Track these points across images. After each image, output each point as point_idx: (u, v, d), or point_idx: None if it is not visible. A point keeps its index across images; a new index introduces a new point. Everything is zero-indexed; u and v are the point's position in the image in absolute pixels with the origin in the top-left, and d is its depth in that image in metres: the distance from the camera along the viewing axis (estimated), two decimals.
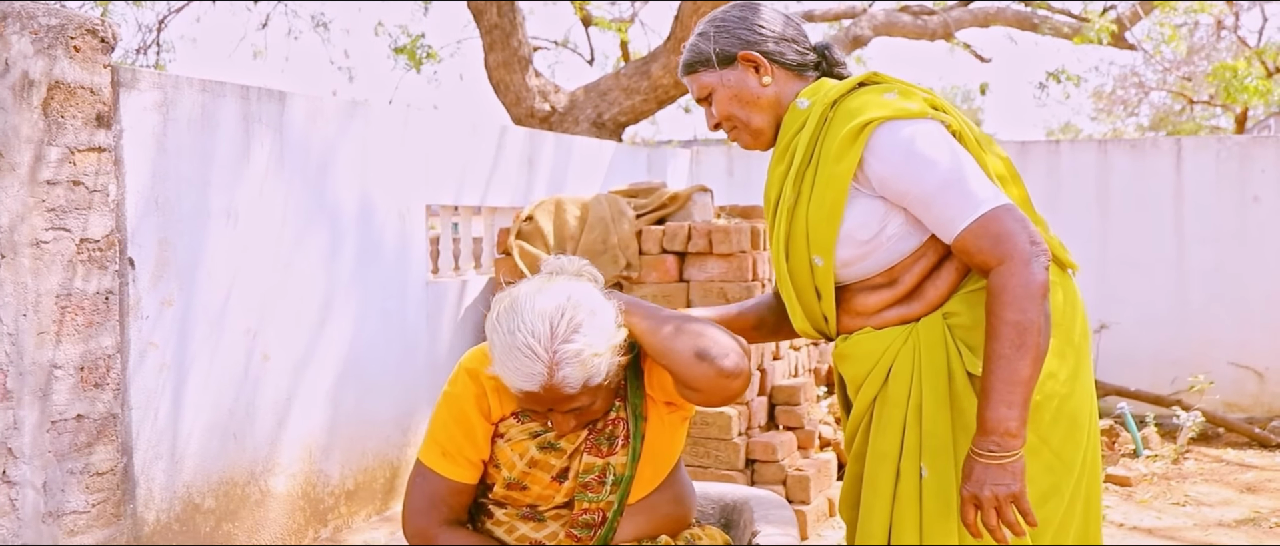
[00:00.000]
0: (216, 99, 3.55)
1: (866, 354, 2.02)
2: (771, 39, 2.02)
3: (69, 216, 2.94)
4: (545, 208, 5.02)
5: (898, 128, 1.88)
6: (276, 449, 3.85)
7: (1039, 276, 1.78)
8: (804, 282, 2.03)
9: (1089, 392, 2.01)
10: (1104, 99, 15.22)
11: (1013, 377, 1.77)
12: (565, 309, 1.87)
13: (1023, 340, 1.77)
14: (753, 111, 2.04)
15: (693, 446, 4.46)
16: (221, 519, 3.62)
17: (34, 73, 2.83)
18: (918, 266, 1.98)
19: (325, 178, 4.06)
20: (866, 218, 1.93)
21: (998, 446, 1.77)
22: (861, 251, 1.96)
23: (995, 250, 1.82)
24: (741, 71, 2.02)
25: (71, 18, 2.92)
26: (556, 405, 1.89)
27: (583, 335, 1.85)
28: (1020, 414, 1.77)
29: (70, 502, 2.97)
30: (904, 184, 1.88)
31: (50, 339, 2.89)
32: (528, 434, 2.04)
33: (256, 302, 3.74)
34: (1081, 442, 1.95)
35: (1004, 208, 1.83)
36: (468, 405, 2.04)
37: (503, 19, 7.33)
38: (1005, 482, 1.77)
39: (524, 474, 2.04)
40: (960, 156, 1.89)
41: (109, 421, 3.08)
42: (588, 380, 1.87)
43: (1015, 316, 1.77)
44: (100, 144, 3.03)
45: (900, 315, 2.00)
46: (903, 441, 1.94)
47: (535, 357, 1.82)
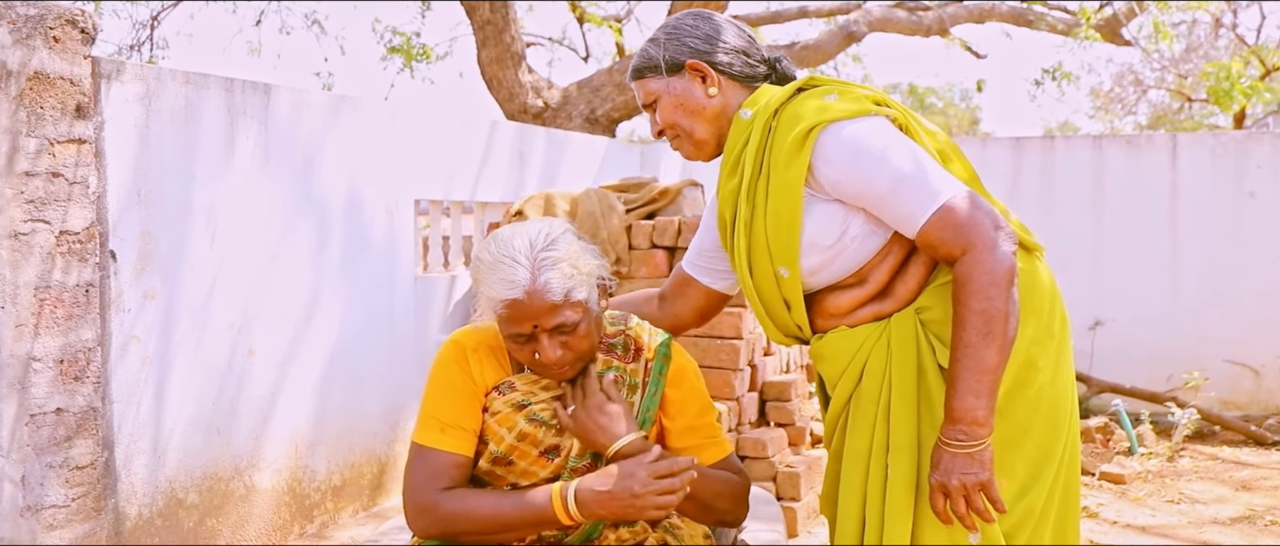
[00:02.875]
0: (200, 91, 3.52)
1: (840, 352, 2.01)
2: (722, 50, 2.01)
3: (48, 208, 2.91)
4: (535, 202, 5.00)
5: (840, 129, 1.87)
6: (262, 444, 3.82)
7: (1005, 262, 1.76)
8: (771, 295, 2.01)
9: (1069, 382, 1.99)
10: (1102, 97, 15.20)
11: (979, 366, 1.75)
12: (543, 229, 1.96)
13: (989, 328, 1.75)
14: (696, 121, 2.02)
15: None
16: (205, 514, 3.59)
17: (11, 63, 2.80)
18: (885, 264, 1.96)
19: (312, 171, 4.03)
20: (826, 223, 1.92)
21: (965, 435, 1.76)
22: (826, 257, 1.95)
23: (958, 240, 1.80)
24: (688, 80, 2.01)
25: (51, 8, 2.90)
26: (541, 319, 1.89)
27: (561, 247, 1.92)
28: (988, 402, 1.75)
29: (49, 496, 2.95)
30: (856, 184, 1.87)
31: (28, 331, 2.87)
32: (512, 405, 2.04)
33: (241, 297, 3.72)
34: (1062, 432, 1.93)
35: (961, 195, 1.82)
36: (454, 371, 2.06)
37: (495, 15, 7.30)
38: (973, 471, 1.76)
39: (511, 448, 2.03)
40: (909, 150, 1.88)
41: (89, 415, 3.05)
42: (569, 291, 1.90)
43: (980, 305, 1.75)
44: (80, 135, 3.00)
45: (874, 312, 1.98)
46: (873, 439, 1.93)
47: (517, 265, 1.89)
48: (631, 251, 4.75)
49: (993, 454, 1.78)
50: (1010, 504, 1.86)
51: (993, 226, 1.78)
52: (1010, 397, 1.88)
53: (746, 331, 4.31)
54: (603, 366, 2.09)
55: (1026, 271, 1.94)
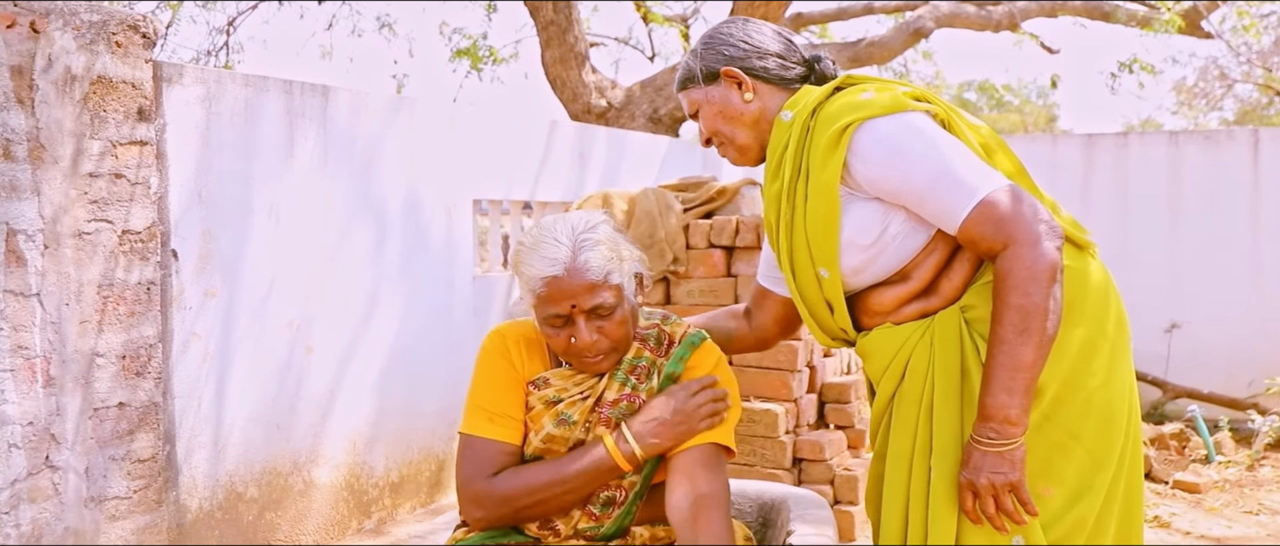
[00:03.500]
0: (260, 94, 3.59)
1: (883, 350, 1.97)
2: (755, 54, 2.02)
3: (111, 208, 2.99)
4: (593, 201, 5.00)
5: (876, 126, 1.84)
6: (320, 440, 3.88)
7: (1047, 257, 1.71)
8: (814, 297, 2.01)
9: (1127, 385, 1.92)
10: (1185, 92, 14.70)
11: (1014, 363, 1.70)
12: (584, 217, 2.00)
13: (1026, 324, 1.70)
14: (736, 127, 2.04)
15: (738, 443, 4.40)
16: (264, 508, 3.66)
17: (76, 68, 2.89)
18: (929, 261, 1.92)
19: (371, 172, 4.08)
20: (866, 221, 1.89)
21: (996, 434, 1.72)
22: (867, 256, 1.92)
23: (998, 235, 1.75)
24: (725, 88, 2.03)
25: (113, 14, 2.98)
26: (579, 299, 1.91)
27: (601, 232, 1.96)
28: (1021, 401, 1.71)
29: (112, 488, 3.03)
30: (893, 182, 1.84)
31: (92, 328, 2.95)
32: (545, 402, 2.05)
33: (300, 295, 3.78)
34: (1116, 439, 1.86)
35: (1002, 189, 1.77)
36: (499, 360, 2.09)
37: (558, 15, 7.33)
38: (1003, 471, 1.71)
39: (541, 448, 2.05)
40: (947, 144, 1.84)
41: (150, 409, 3.13)
42: (608, 274, 1.92)
43: (1018, 300, 1.71)
44: (141, 137, 3.08)
45: (919, 309, 1.94)
46: (916, 439, 1.88)
47: (559, 244, 1.92)
48: (689, 251, 4.72)
49: (1025, 454, 1.73)
50: (1060, 512, 1.80)
51: (1036, 221, 1.73)
52: (1059, 402, 1.82)
53: (804, 332, 4.26)
54: (635, 354, 2.10)
55: (1076, 270, 1.88)
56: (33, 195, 2.79)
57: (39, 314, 2.82)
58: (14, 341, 2.77)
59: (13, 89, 2.75)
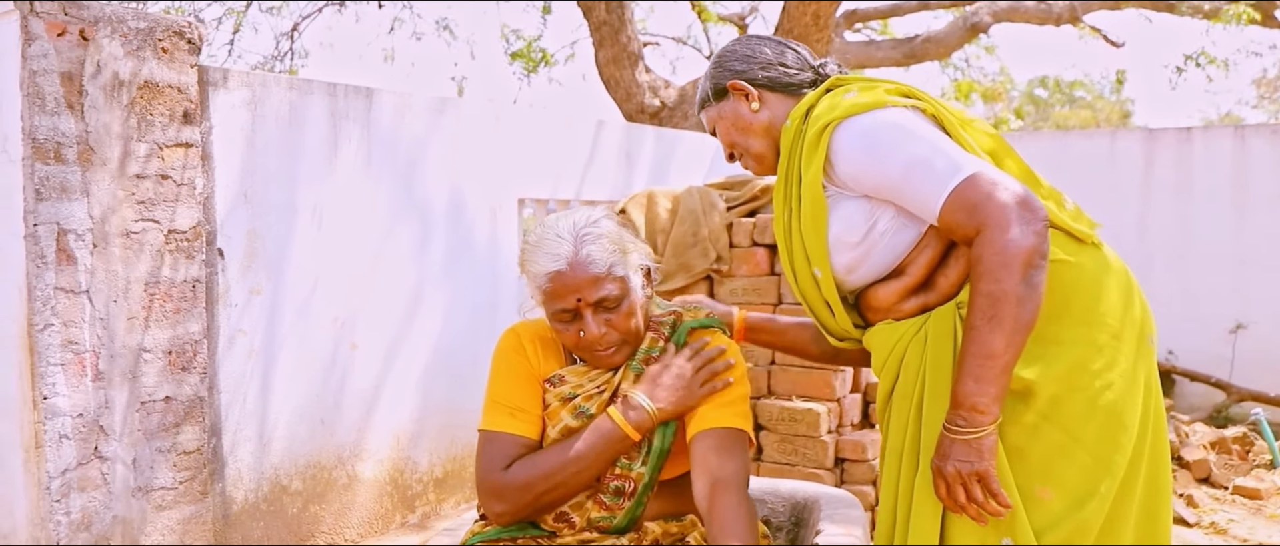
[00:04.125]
0: (304, 96, 3.68)
1: (881, 345, 1.97)
2: (758, 65, 2.08)
3: (157, 208, 3.10)
4: (638, 201, 5.03)
5: (853, 123, 1.86)
6: (364, 435, 3.97)
7: (1018, 243, 1.67)
8: (814, 297, 2.03)
9: (1141, 387, 1.86)
10: (1265, 85, 14.20)
11: (983, 351, 1.68)
12: (587, 214, 2.04)
13: (995, 311, 1.67)
14: (749, 137, 2.09)
15: (780, 442, 4.39)
16: (309, 500, 3.75)
17: (123, 73, 2.99)
18: (923, 256, 1.92)
19: (414, 172, 4.16)
20: (852, 219, 1.91)
21: (965, 421, 1.70)
22: (857, 254, 1.93)
23: (971, 220, 1.73)
24: (734, 101, 2.09)
25: (159, 21, 3.08)
26: (584, 292, 1.94)
27: (604, 226, 2.00)
28: (990, 389, 1.68)
29: (159, 479, 3.13)
30: (873, 177, 1.85)
31: (139, 324, 3.06)
32: (560, 398, 2.08)
33: (344, 293, 3.86)
34: (1125, 443, 1.80)
35: (977, 175, 1.74)
36: (515, 357, 2.13)
37: (611, 15, 7.37)
38: (970, 459, 1.70)
39: (557, 443, 2.07)
40: (924, 136, 1.84)
41: (196, 403, 3.23)
42: (612, 266, 1.95)
43: (988, 286, 1.68)
44: (187, 140, 3.18)
45: (919, 304, 1.94)
46: (907, 435, 1.87)
47: (561, 240, 1.96)
48: (733, 249, 4.72)
49: (995, 444, 1.71)
50: (1060, 516, 1.77)
51: (1013, 206, 1.69)
52: (1057, 403, 1.78)
53: None
54: (649, 345, 2.12)
55: (1072, 265, 1.84)
56: (82, 196, 2.90)
57: (88, 310, 2.93)
58: (64, 337, 2.88)
59: (63, 94, 2.86)
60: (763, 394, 4.47)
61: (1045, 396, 1.78)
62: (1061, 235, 1.89)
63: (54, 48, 2.83)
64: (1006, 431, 1.78)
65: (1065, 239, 1.88)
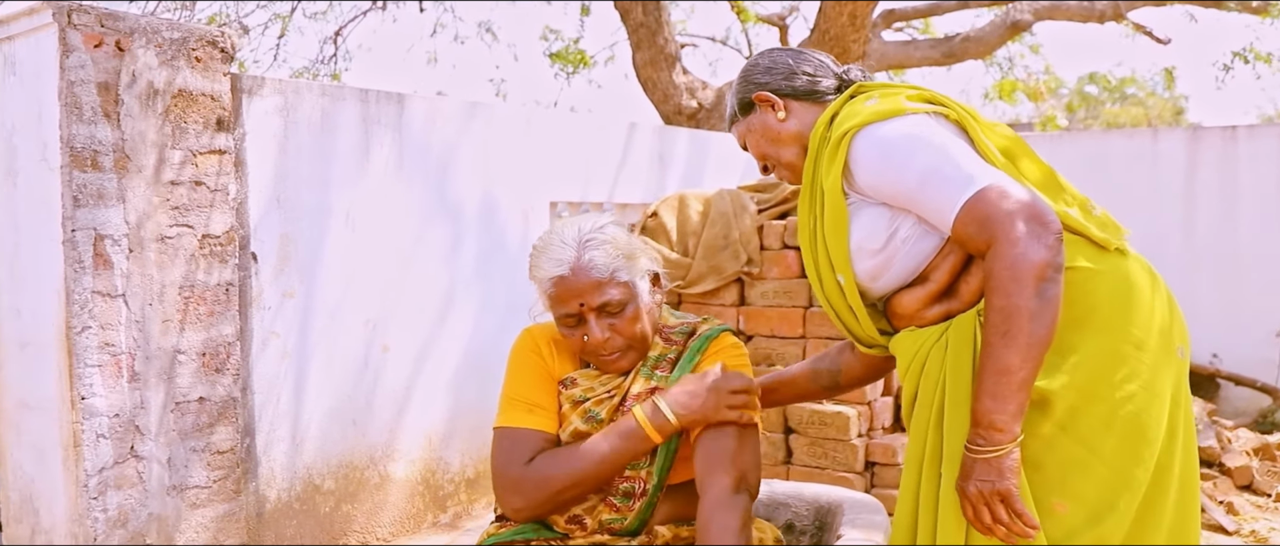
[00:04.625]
0: (336, 103, 3.74)
1: (903, 352, 1.97)
2: (782, 75, 2.09)
3: (191, 214, 3.17)
4: (669, 203, 5.04)
5: (872, 131, 1.86)
6: (396, 435, 4.02)
7: (1030, 256, 1.65)
8: (839, 304, 2.04)
9: (1166, 399, 1.82)
10: None
11: (998, 367, 1.66)
12: (594, 220, 2.06)
13: (1008, 327, 1.65)
14: (779, 147, 2.09)
15: (810, 446, 4.38)
16: (341, 499, 3.82)
17: (158, 82, 3.07)
18: (946, 263, 1.91)
19: (446, 176, 4.21)
20: (872, 227, 1.91)
21: (984, 440, 1.69)
22: (879, 262, 1.93)
23: (982, 233, 1.72)
24: (760, 113, 2.10)
25: (193, 31, 3.16)
26: (586, 297, 1.96)
27: (609, 232, 2.03)
28: (1008, 407, 1.66)
29: (193, 477, 3.21)
30: (889, 185, 1.85)
31: (174, 326, 3.14)
32: (572, 401, 2.10)
33: (376, 296, 3.93)
34: (1146, 457, 1.77)
35: (989, 188, 1.73)
36: (530, 355, 2.15)
37: (648, 17, 7.39)
38: (990, 478, 1.68)
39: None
40: (943, 144, 1.82)
41: (229, 404, 3.30)
42: (615, 271, 1.98)
43: (1000, 302, 1.67)
44: (220, 146, 3.25)
45: (943, 311, 1.93)
46: (927, 443, 1.86)
47: (564, 245, 1.99)
48: (763, 252, 4.71)
49: (1017, 463, 1.69)
50: (1078, 531, 1.74)
51: (1024, 218, 1.68)
52: (1076, 414, 1.76)
53: None
54: (661, 351, 2.14)
55: (1092, 272, 1.82)
56: (118, 202, 2.98)
57: (124, 313, 3.01)
58: (101, 339, 2.96)
59: (100, 104, 2.95)
60: None
61: (1063, 407, 1.75)
62: (1084, 242, 1.87)
63: (91, 58, 2.92)
64: (1025, 443, 1.75)
65: (1088, 246, 1.87)
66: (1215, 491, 4.55)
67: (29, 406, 3.13)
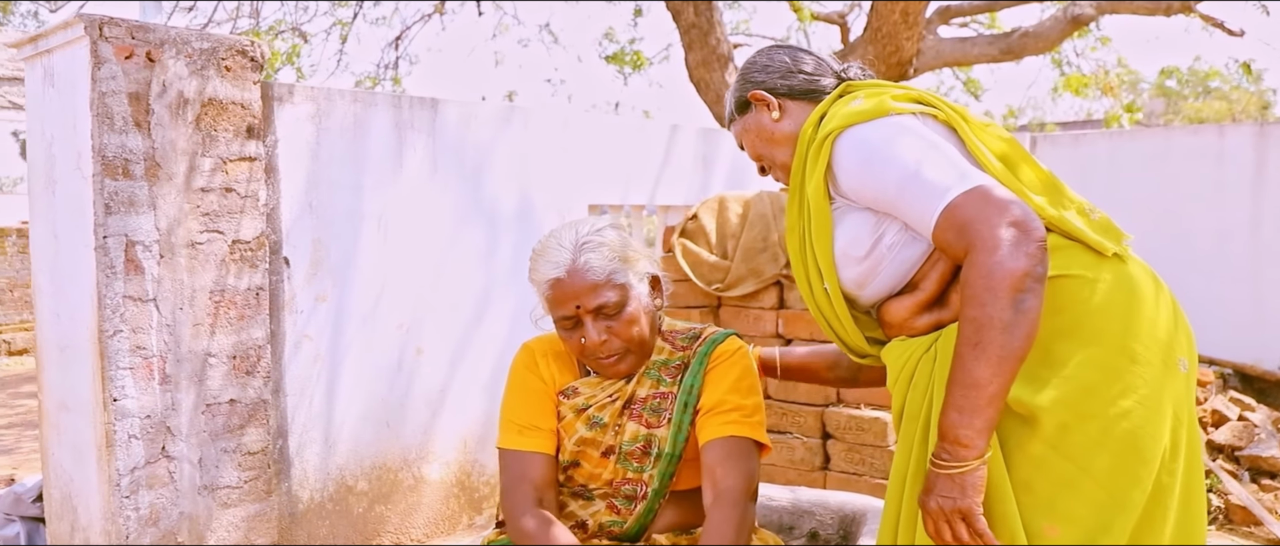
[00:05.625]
0: (368, 109, 3.80)
1: (893, 362, 1.91)
2: (778, 74, 2.04)
3: (222, 220, 3.25)
4: (709, 206, 5.01)
5: (854, 133, 1.81)
6: (430, 438, 4.07)
7: (1006, 265, 1.57)
8: (828, 311, 1.99)
9: (1174, 416, 1.73)
10: None
11: (967, 380, 1.59)
12: (592, 223, 2.07)
13: (980, 338, 1.58)
14: (774, 148, 2.05)
15: (847, 452, 4.32)
16: (375, 501, 3.87)
17: (188, 92, 3.15)
18: (935, 271, 1.84)
19: (481, 180, 4.24)
20: (857, 232, 1.85)
21: (949, 455, 1.62)
22: (865, 268, 1.87)
23: (960, 241, 1.65)
24: (756, 112, 2.06)
25: (222, 41, 3.23)
26: (582, 299, 1.97)
27: (606, 235, 2.03)
28: (975, 421, 1.59)
29: (224, 478, 3.28)
30: (871, 189, 1.79)
31: (205, 330, 3.21)
32: (574, 410, 2.12)
33: (410, 299, 3.97)
34: (1143, 477, 1.68)
35: (971, 192, 1.66)
36: (526, 374, 2.17)
37: (700, 18, 7.35)
38: (952, 495, 1.61)
39: (576, 453, 2.12)
40: (924, 147, 1.75)
41: (260, 406, 3.37)
42: (612, 273, 1.98)
43: (973, 312, 1.59)
44: (251, 154, 3.32)
45: (933, 321, 1.87)
46: (912, 457, 1.80)
47: (561, 247, 2.01)
48: None
49: (981, 480, 1.62)
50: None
51: (1005, 224, 1.60)
52: (1066, 431, 1.67)
53: None
54: (666, 355, 2.14)
55: (1086, 281, 1.74)
56: (149, 209, 3.07)
57: (155, 317, 3.09)
58: (133, 342, 3.05)
59: (130, 114, 3.03)
60: (831, 402, 4.40)
61: (1053, 424, 1.67)
62: (1080, 248, 1.80)
63: (122, 69, 3.00)
64: (1013, 463, 1.69)
65: (1083, 252, 1.79)
66: (1276, 504, 4.36)
67: (67, 408, 3.24)
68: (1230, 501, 4.27)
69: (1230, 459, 4.69)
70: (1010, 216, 1.63)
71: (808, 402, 4.43)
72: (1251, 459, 4.59)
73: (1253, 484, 4.52)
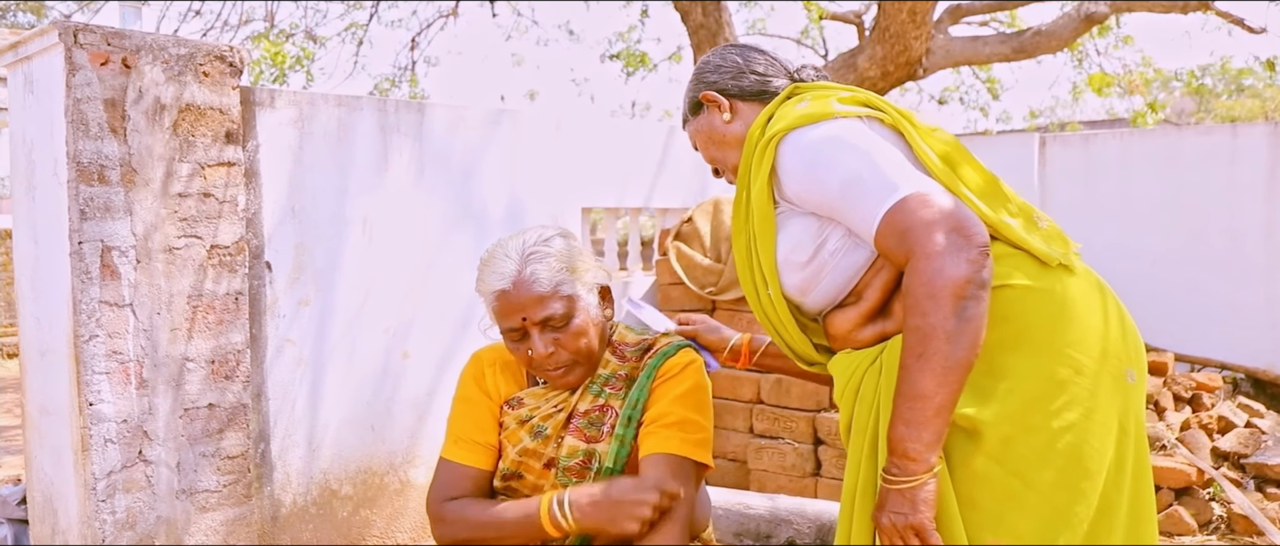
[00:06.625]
0: (353, 113, 3.80)
1: (839, 375, 1.88)
2: (730, 74, 2.00)
3: (200, 225, 3.26)
4: (704, 209, 4.98)
5: (798, 136, 1.77)
6: (417, 442, 4.07)
7: (947, 273, 1.54)
8: (774, 317, 1.94)
9: (1120, 429, 1.69)
10: None
11: (912, 392, 1.56)
12: (540, 232, 2.04)
13: (923, 348, 1.55)
14: (726, 150, 2.01)
15: (838, 458, 4.27)
16: (359, 505, 3.87)
17: (165, 98, 3.16)
18: (878, 280, 1.81)
19: (470, 183, 4.23)
20: (800, 237, 1.81)
21: (899, 469, 1.59)
22: (807, 275, 1.83)
23: (901, 247, 1.62)
24: (708, 114, 2.02)
25: (200, 47, 3.24)
26: (528, 311, 1.95)
27: (554, 246, 2.00)
28: (923, 434, 1.56)
29: (202, 482, 3.30)
30: (814, 194, 1.75)
31: (182, 335, 3.23)
32: (518, 420, 2.11)
33: (396, 303, 3.97)
34: (1088, 492, 1.64)
35: (910, 197, 1.62)
36: (470, 386, 2.17)
37: (708, 18, 7.31)
38: (903, 511, 1.58)
39: (517, 463, 2.11)
40: (869, 151, 1.71)
41: (239, 410, 3.38)
42: (558, 285, 1.96)
43: (915, 321, 1.56)
44: (230, 159, 3.33)
45: (877, 333, 1.83)
46: (860, 474, 1.76)
47: (507, 257, 1.98)
48: None
49: (932, 495, 1.58)
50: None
51: (945, 230, 1.56)
52: (1009, 444, 1.63)
53: None
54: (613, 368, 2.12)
55: (1033, 290, 1.70)
56: (126, 215, 3.08)
57: (132, 322, 3.11)
58: (109, 347, 3.07)
59: (106, 120, 3.05)
60: (823, 407, 4.36)
61: (995, 438, 1.63)
62: (1022, 257, 1.76)
63: (97, 76, 3.02)
64: (958, 478, 1.65)
65: (1026, 261, 1.75)
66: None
67: (48, 411, 3.26)
68: (1232, 510, 4.17)
69: (1235, 466, 4.59)
70: (951, 222, 1.59)
71: (800, 408, 4.39)
72: (1257, 467, 4.49)
73: (1257, 492, 4.42)
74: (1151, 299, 5.75)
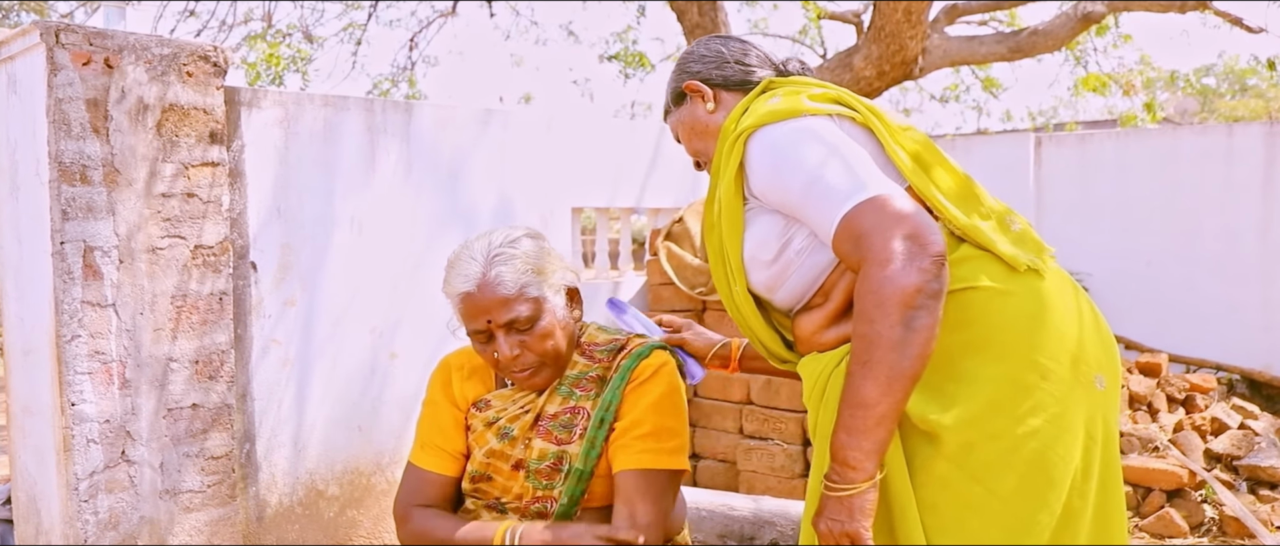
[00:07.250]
0: (339, 113, 3.80)
1: (807, 376, 1.87)
2: (714, 64, 1.98)
3: (183, 225, 3.26)
4: (695, 209, 4.97)
5: (766, 133, 1.75)
6: (404, 442, 4.06)
7: (897, 281, 1.52)
8: (743, 314, 1.92)
9: (1087, 435, 1.68)
10: None
11: (855, 400, 1.55)
12: (507, 233, 2.03)
13: (868, 356, 1.53)
14: (707, 142, 1.99)
15: None
16: (346, 505, 3.87)
17: (148, 98, 3.16)
18: (844, 281, 1.79)
19: (458, 183, 4.23)
20: (765, 235, 1.80)
21: (838, 476, 1.58)
22: (773, 274, 1.82)
23: (856, 253, 1.60)
24: (691, 104, 2.00)
25: (184, 46, 3.24)
26: (493, 313, 1.94)
27: (520, 247, 1.99)
28: (863, 442, 1.54)
29: (186, 482, 3.29)
30: (777, 192, 1.73)
31: (166, 335, 3.22)
32: (485, 422, 2.11)
33: (383, 304, 3.96)
34: (1052, 501, 1.63)
35: (869, 201, 1.60)
36: (438, 392, 2.18)
37: (703, 18, 7.29)
38: (840, 518, 1.57)
39: (484, 465, 2.11)
40: (832, 150, 1.70)
41: (223, 410, 3.38)
42: (524, 287, 1.95)
43: (862, 329, 1.55)
44: (214, 159, 3.33)
45: (841, 335, 1.82)
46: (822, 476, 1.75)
47: (473, 259, 1.98)
48: None
49: (870, 504, 1.57)
50: None
51: (900, 237, 1.54)
52: (971, 450, 1.62)
53: None
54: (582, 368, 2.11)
55: (999, 293, 1.68)
56: (108, 215, 3.08)
57: (114, 322, 3.11)
58: (91, 347, 3.06)
59: (89, 120, 3.05)
60: None
61: (958, 442, 1.62)
62: (990, 259, 1.74)
63: (79, 76, 3.01)
64: (918, 483, 1.64)
65: (995, 264, 1.73)
66: (1273, 515, 4.24)
67: (31, 411, 3.26)
68: (1224, 512, 4.15)
69: (1228, 468, 4.57)
70: (905, 229, 1.58)
71: (789, 408, 4.37)
72: (1250, 468, 4.47)
73: (1250, 494, 4.40)
74: (1147, 299, 5.73)
